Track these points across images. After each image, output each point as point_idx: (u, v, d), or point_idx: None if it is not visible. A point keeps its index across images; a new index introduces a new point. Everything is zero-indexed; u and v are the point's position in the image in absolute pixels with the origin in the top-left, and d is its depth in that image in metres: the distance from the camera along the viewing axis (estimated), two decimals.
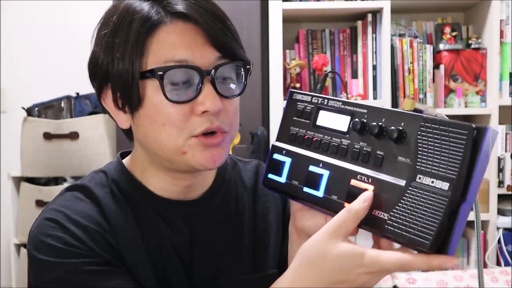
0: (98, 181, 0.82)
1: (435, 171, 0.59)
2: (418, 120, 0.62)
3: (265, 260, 0.87)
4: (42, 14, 2.85)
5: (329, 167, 0.68)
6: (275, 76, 2.24)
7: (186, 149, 0.74)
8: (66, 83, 2.66)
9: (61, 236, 0.74)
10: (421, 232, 0.58)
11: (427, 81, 2.25)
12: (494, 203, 2.22)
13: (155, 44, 0.73)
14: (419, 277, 2.00)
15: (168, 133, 0.74)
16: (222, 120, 0.76)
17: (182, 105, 0.73)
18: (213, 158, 0.75)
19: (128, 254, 0.78)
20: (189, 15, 0.73)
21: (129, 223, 0.79)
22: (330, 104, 0.72)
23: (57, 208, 0.78)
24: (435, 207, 0.57)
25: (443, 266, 0.58)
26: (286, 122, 0.76)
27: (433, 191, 0.58)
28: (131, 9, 0.75)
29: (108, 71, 0.76)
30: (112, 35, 0.75)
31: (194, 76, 0.73)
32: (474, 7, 2.38)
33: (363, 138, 0.67)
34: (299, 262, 0.65)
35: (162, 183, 0.81)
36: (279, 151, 0.75)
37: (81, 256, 0.73)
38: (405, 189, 0.60)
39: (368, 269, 0.61)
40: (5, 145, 2.85)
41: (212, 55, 0.74)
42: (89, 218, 0.77)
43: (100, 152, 2.39)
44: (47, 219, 0.76)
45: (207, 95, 0.73)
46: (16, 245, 2.50)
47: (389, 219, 0.61)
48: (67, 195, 0.81)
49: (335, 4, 2.23)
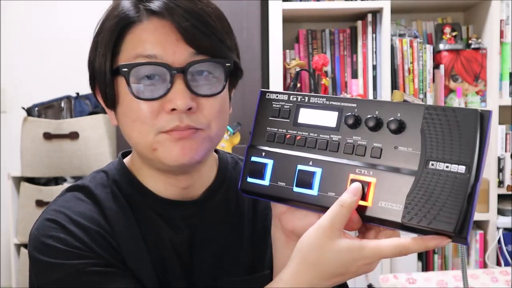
0: (99, 181, 0.82)
1: (448, 156, 0.60)
2: (420, 109, 0.62)
3: (264, 260, 0.87)
4: (42, 14, 2.85)
5: (320, 164, 0.68)
6: (275, 76, 2.24)
7: (156, 145, 0.74)
8: (66, 83, 2.66)
9: (62, 237, 0.74)
10: (444, 216, 0.58)
11: (427, 81, 2.25)
12: (494, 203, 2.22)
13: (129, 41, 0.74)
14: (419, 277, 2.00)
15: (139, 130, 0.74)
16: (196, 119, 0.73)
17: (151, 102, 0.72)
18: (184, 151, 0.73)
19: (129, 255, 0.77)
20: (162, 12, 0.72)
21: (130, 224, 0.79)
22: (312, 101, 0.71)
23: (58, 209, 0.78)
24: (455, 190, 0.58)
25: (439, 245, 0.60)
26: (260, 123, 0.74)
27: (450, 175, 0.59)
28: (115, 7, 0.76)
29: (94, 68, 0.77)
30: (97, 33, 0.77)
31: (165, 72, 0.72)
32: (474, 7, 2.38)
33: (356, 132, 0.66)
34: (298, 261, 0.65)
35: (159, 184, 0.81)
36: (258, 153, 0.73)
37: (83, 257, 0.73)
38: (418, 176, 0.61)
39: (368, 260, 0.62)
40: (5, 145, 2.85)
41: (185, 52, 0.72)
42: (90, 219, 0.77)
43: (100, 152, 2.39)
44: (48, 220, 0.76)
45: (176, 92, 0.72)
46: (16, 245, 2.50)
47: (404, 208, 0.60)
48: (67, 196, 0.81)
49: (335, 4, 2.23)
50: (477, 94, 2.28)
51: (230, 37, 0.78)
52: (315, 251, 0.64)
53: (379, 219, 0.63)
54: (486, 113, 0.59)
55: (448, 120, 0.60)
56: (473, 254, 2.27)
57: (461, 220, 0.58)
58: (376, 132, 0.65)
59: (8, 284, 2.78)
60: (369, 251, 0.62)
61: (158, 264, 0.80)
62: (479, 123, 0.59)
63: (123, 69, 0.73)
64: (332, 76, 2.35)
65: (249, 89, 2.46)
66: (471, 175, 0.58)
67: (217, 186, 0.86)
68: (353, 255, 0.62)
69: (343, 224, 0.63)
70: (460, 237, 0.59)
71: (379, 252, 0.61)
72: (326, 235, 0.63)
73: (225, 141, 2.14)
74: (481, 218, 2.25)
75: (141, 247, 0.79)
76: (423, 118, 0.62)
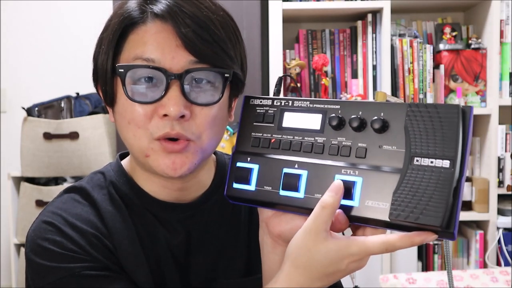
0: (96, 183, 0.82)
1: (432, 151, 0.60)
2: (403, 107, 0.63)
3: (260, 263, 0.87)
4: (42, 14, 2.85)
5: (306, 167, 0.68)
6: (275, 76, 2.24)
7: (149, 152, 0.73)
8: (66, 83, 2.66)
9: (58, 240, 0.74)
10: (430, 211, 0.59)
11: (427, 81, 2.25)
12: (494, 203, 2.22)
13: (131, 42, 0.73)
14: (419, 277, 2.00)
15: (133, 132, 0.73)
16: (187, 128, 0.72)
17: (145, 106, 0.72)
18: (174, 166, 0.72)
19: (126, 258, 0.77)
20: (165, 15, 0.71)
21: (127, 227, 0.79)
22: (296, 104, 0.71)
23: (55, 211, 0.77)
24: (440, 184, 0.59)
25: (425, 241, 0.60)
26: (245, 128, 0.74)
27: (435, 170, 0.59)
28: (121, 6, 0.76)
29: (97, 64, 0.77)
30: (103, 30, 0.77)
31: (161, 77, 0.71)
32: (474, 7, 2.38)
33: (340, 133, 0.67)
34: (289, 264, 0.66)
35: (154, 186, 0.81)
36: (243, 158, 0.73)
37: (79, 260, 0.73)
38: (403, 173, 0.61)
39: (356, 257, 0.63)
40: (5, 145, 2.85)
41: (184, 59, 0.71)
42: (87, 221, 0.77)
43: (100, 152, 2.39)
44: (44, 222, 0.76)
45: (170, 98, 0.70)
46: (16, 245, 2.50)
47: (391, 206, 0.61)
48: (65, 197, 0.81)
49: (335, 4, 2.23)
50: (477, 94, 2.28)
51: (235, 47, 0.76)
52: (303, 254, 0.64)
53: (366, 218, 0.63)
54: (467, 108, 0.60)
55: (431, 116, 0.61)
56: (473, 254, 2.27)
57: (447, 215, 0.58)
58: (360, 132, 0.65)
59: (8, 284, 2.78)
60: (356, 248, 0.62)
61: (154, 266, 0.80)
62: (461, 118, 0.60)
63: (120, 69, 0.72)
64: (332, 76, 2.35)
65: (249, 89, 2.46)
66: (456, 169, 0.59)
67: (214, 189, 0.85)
68: (341, 253, 0.63)
69: (328, 224, 0.64)
70: (447, 232, 0.59)
71: (365, 249, 0.62)
72: (312, 238, 0.64)
73: (225, 141, 2.14)
74: (481, 218, 2.25)
75: (138, 249, 0.78)
76: (406, 116, 0.62)
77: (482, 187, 2.23)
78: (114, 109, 0.77)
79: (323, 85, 2.29)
